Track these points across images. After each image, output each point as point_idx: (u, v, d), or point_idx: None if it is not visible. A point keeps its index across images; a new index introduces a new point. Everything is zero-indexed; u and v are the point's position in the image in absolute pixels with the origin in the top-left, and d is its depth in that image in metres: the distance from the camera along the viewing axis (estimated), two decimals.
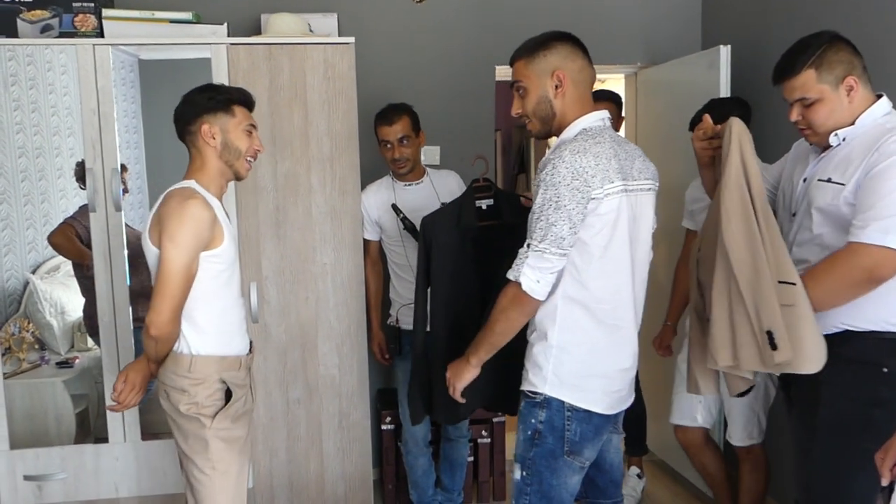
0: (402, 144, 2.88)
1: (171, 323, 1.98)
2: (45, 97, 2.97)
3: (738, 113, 2.75)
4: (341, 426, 3.06)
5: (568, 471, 1.93)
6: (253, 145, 2.13)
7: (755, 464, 2.81)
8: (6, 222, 2.97)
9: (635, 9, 3.72)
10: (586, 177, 1.77)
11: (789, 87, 1.93)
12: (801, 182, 2.01)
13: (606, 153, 1.81)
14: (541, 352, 1.92)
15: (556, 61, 1.90)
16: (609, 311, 1.89)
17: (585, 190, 1.77)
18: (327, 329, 3.01)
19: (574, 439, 1.91)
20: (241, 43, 2.86)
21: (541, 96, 1.92)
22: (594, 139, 1.84)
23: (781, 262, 1.84)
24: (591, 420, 1.91)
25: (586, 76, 1.93)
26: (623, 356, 1.95)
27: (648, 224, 1.97)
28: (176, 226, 1.94)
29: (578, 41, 1.95)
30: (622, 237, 1.86)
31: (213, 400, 2.08)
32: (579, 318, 1.88)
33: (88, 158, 2.82)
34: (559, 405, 1.90)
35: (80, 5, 2.86)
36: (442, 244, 2.42)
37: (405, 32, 3.57)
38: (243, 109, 2.13)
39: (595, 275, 1.85)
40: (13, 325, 3.10)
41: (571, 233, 1.79)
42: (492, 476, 3.45)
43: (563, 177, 1.77)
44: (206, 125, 2.07)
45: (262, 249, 2.93)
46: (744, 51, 3.21)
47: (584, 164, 1.77)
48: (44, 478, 2.94)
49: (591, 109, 1.93)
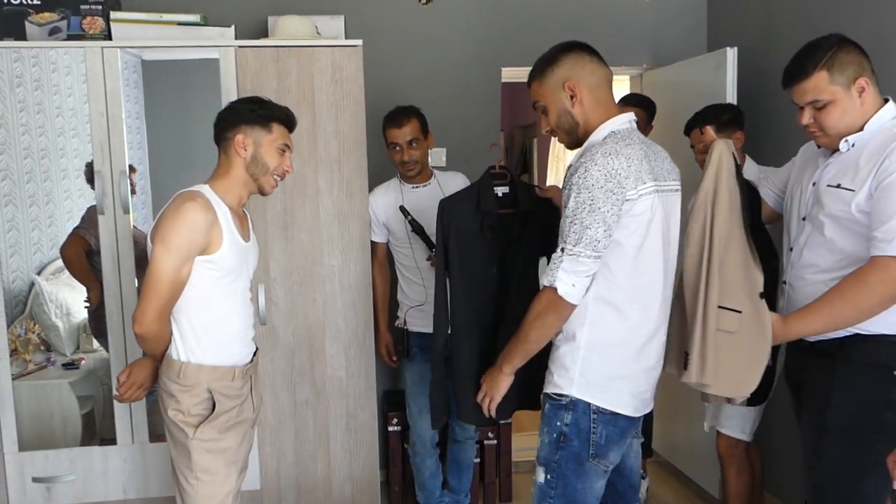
0: (411, 147, 2.89)
1: (154, 322, 1.98)
2: (50, 98, 2.96)
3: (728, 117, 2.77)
4: (349, 428, 3.06)
5: (593, 475, 1.93)
6: (283, 165, 2.14)
7: (740, 466, 2.78)
8: (12, 223, 2.96)
9: (641, 10, 3.73)
10: (619, 178, 1.77)
11: (801, 89, 1.92)
12: (811, 186, 2.02)
13: (637, 154, 1.81)
14: (568, 353, 1.91)
15: (565, 72, 1.91)
16: (640, 311, 1.89)
17: (619, 192, 1.77)
18: (335, 331, 3.01)
19: (599, 442, 1.90)
20: (250, 45, 2.86)
21: (560, 110, 1.93)
22: (624, 141, 1.83)
23: (731, 289, 1.91)
24: (616, 423, 1.91)
25: (600, 78, 1.93)
26: (649, 356, 1.94)
27: (677, 224, 1.98)
28: (168, 228, 1.95)
29: (586, 46, 1.95)
30: (655, 237, 1.86)
31: (200, 409, 2.07)
32: (609, 318, 1.87)
33: (97, 161, 2.82)
34: (585, 407, 1.90)
35: (88, 7, 2.86)
36: (461, 230, 2.38)
37: (411, 34, 3.57)
38: (282, 128, 2.13)
39: (628, 275, 1.85)
40: (19, 326, 3.10)
41: (606, 235, 1.79)
42: (498, 477, 3.46)
43: (597, 179, 1.77)
44: (241, 135, 2.07)
45: (269, 251, 2.93)
46: (750, 53, 3.22)
47: (616, 166, 1.77)
48: (53, 480, 2.94)
49: (615, 112, 1.92)
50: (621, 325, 1.88)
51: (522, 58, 3.57)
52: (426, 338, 2.95)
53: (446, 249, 2.40)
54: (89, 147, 2.87)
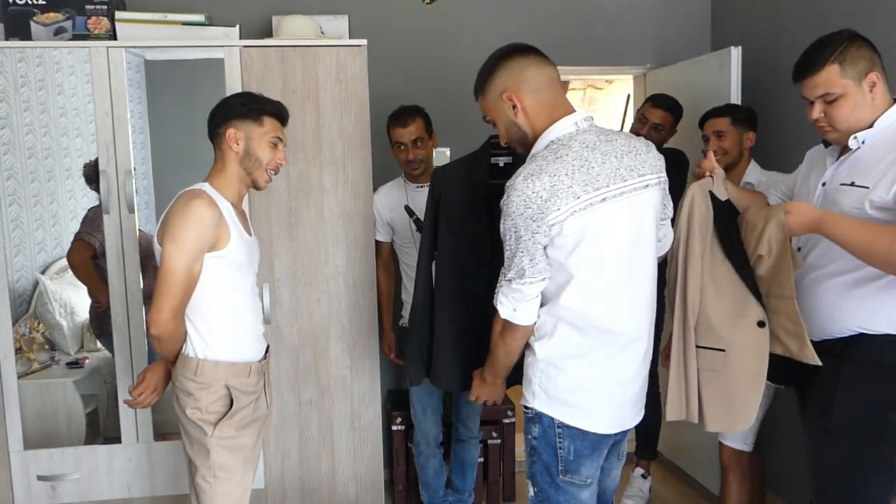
0: (417, 146, 2.89)
1: (170, 321, 1.99)
2: (54, 98, 2.97)
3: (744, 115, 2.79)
4: (353, 427, 3.07)
5: (570, 488, 1.83)
6: (276, 158, 2.14)
7: (743, 475, 2.77)
8: (16, 223, 2.97)
9: (645, 10, 3.73)
10: (539, 202, 1.67)
11: (812, 83, 1.91)
12: (820, 186, 2.01)
13: (568, 167, 1.68)
14: (530, 364, 1.85)
15: (503, 83, 1.81)
16: (602, 324, 1.77)
17: (540, 217, 1.68)
18: (339, 330, 3.02)
19: (568, 457, 1.81)
20: (254, 45, 2.87)
21: (506, 122, 1.84)
22: (556, 153, 1.72)
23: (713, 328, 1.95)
24: (584, 437, 1.81)
25: (543, 81, 1.81)
26: (624, 368, 1.83)
27: (651, 223, 1.84)
28: (177, 225, 1.96)
29: (524, 49, 1.84)
30: (610, 247, 1.75)
31: (218, 406, 2.08)
32: (565, 332, 1.78)
33: (102, 160, 2.82)
34: (549, 421, 1.82)
35: (93, 8, 2.87)
36: (451, 199, 2.35)
37: (415, 34, 3.58)
38: (273, 121, 2.13)
39: (580, 292, 1.75)
40: (23, 325, 3.11)
41: (533, 264, 1.72)
42: (502, 477, 3.47)
43: (517, 206, 1.69)
44: (231, 129, 2.08)
45: (274, 251, 2.93)
46: (754, 52, 3.22)
47: (537, 189, 1.67)
48: (57, 478, 2.95)
49: (562, 114, 1.79)
50: (580, 339, 1.78)
51: None
52: None
53: (436, 218, 2.38)
54: (92, 147, 2.88)
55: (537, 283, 1.75)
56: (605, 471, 1.98)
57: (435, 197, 2.43)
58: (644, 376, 1.89)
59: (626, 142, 1.80)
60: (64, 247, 3.09)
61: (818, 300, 1.97)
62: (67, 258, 3.06)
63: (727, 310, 1.97)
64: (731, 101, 3.07)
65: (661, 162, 1.87)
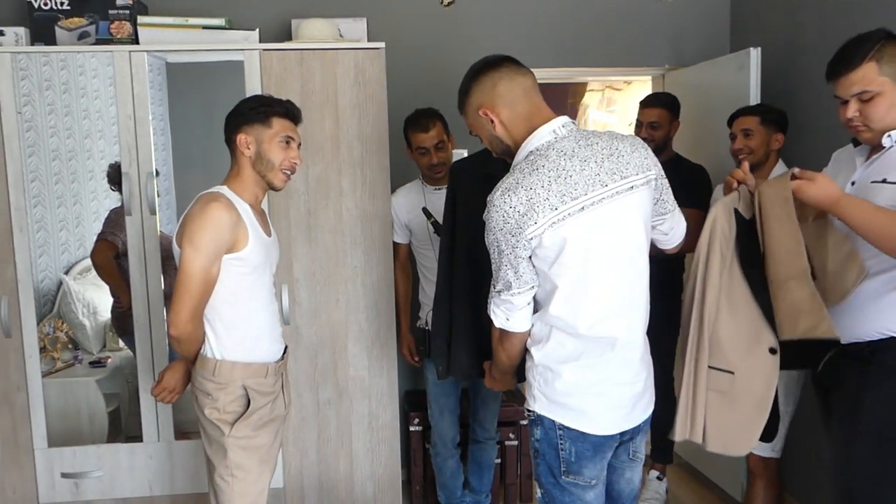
0: (439, 150, 2.91)
1: (189, 323, 2.01)
2: (78, 101, 3.01)
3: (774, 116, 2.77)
4: (370, 427, 3.09)
5: (574, 489, 1.83)
6: (288, 157, 2.14)
7: (771, 480, 2.74)
8: (40, 224, 3.02)
9: (663, 10, 3.71)
10: (517, 217, 1.67)
11: (848, 81, 1.88)
12: (850, 185, 1.99)
13: (545, 179, 1.68)
14: (529, 368, 1.86)
15: (477, 100, 1.81)
16: (589, 332, 1.76)
17: (518, 232, 1.68)
18: (357, 331, 3.04)
19: (570, 459, 1.81)
20: (274, 49, 2.89)
21: (489, 136, 1.84)
22: (532, 165, 1.70)
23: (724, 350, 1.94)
24: (585, 439, 1.80)
25: (516, 93, 1.79)
26: (620, 370, 1.81)
27: (638, 225, 1.79)
28: (195, 228, 1.98)
29: (493, 62, 1.83)
30: (594, 256, 1.72)
31: (235, 406, 2.10)
32: (559, 337, 1.79)
33: (124, 163, 2.87)
34: (550, 424, 1.82)
35: (116, 12, 2.91)
36: (467, 192, 2.38)
37: (433, 36, 3.59)
38: (283, 121, 2.14)
39: (567, 299, 1.74)
40: (48, 324, 3.15)
41: (517, 276, 1.73)
42: (519, 478, 3.47)
43: (496, 222, 1.70)
44: (242, 135, 2.11)
45: (293, 252, 2.96)
46: (774, 54, 3.20)
47: (513, 204, 1.67)
48: (80, 475, 2.99)
49: (540, 122, 1.77)
50: (574, 343, 1.78)
51: (544, 59, 3.58)
52: None
53: (454, 212, 2.42)
54: (115, 149, 2.92)
55: (526, 292, 1.76)
56: (617, 471, 1.96)
57: (453, 191, 2.47)
58: (645, 376, 1.87)
59: (609, 144, 1.76)
60: (87, 247, 3.13)
61: (847, 303, 1.94)
62: (91, 258, 3.11)
63: (740, 332, 1.95)
64: (750, 102, 3.05)
65: (649, 159, 1.82)
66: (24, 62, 2.84)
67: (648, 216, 1.84)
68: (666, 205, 1.90)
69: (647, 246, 1.84)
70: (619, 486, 1.99)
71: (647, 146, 1.85)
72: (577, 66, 3.70)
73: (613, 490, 1.98)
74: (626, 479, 1.99)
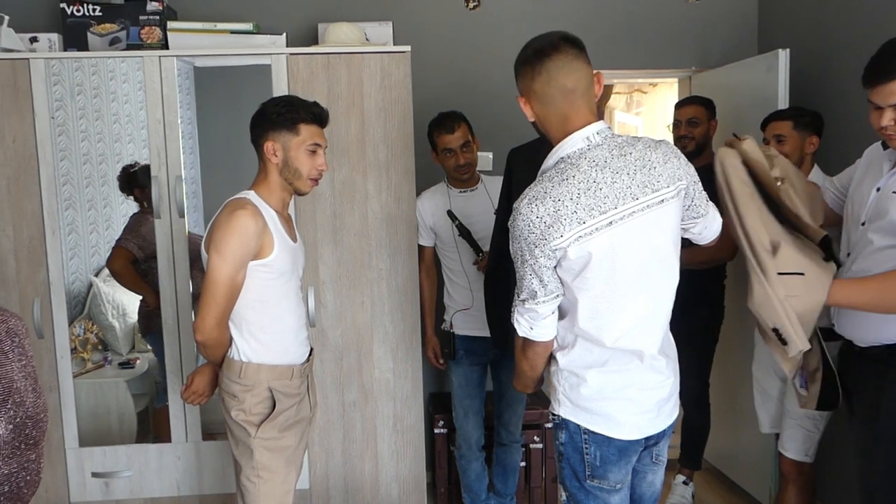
0: (465, 150, 2.92)
1: (215, 329, 2.04)
2: (108, 105, 3.05)
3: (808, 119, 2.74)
4: (396, 429, 3.10)
5: (599, 493, 1.82)
6: (315, 165, 2.14)
7: (805, 485, 2.71)
8: (71, 227, 3.06)
9: (689, 11, 3.69)
10: (542, 227, 1.64)
11: (887, 90, 1.83)
12: (874, 192, 1.97)
13: (574, 191, 1.63)
14: (553, 373, 1.85)
15: (519, 86, 1.77)
16: (615, 345, 1.73)
17: (542, 243, 1.65)
18: (382, 333, 3.05)
19: (595, 463, 1.80)
20: (301, 53, 2.92)
21: (531, 120, 1.79)
22: (563, 174, 1.66)
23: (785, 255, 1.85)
24: (610, 444, 1.78)
25: (553, 93, 1.70)
26: (647, 376, 1.79)
27: (668, 238, 1.76)
28: (221, 236, 2.00)
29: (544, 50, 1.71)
30: (620, 270, 1.69)
31: (261, 408, 2.12)
32: (585, 344, 1.77)
33: (154, 166, 2.90)
34: (575, 428, 1.80)
35: (147, 18, 2.95)
36: (520, 177, 2.42)
37: (459, 39, 3.60)
38: (310, 128, 2.13)
39: (588, 314, 1.72)
40: (78, 326, 3.20)
41: (542, 285, 1.70)
42: (544, 481, 3.46)
43: (521, 230, 1.67)
44: (269, 142, 2.11)
45: (319, 254, 2.98)
46: (803, 55, 3.16)
47: (540, 214, 1.64)
48: (111, 475, 3.03)
49: (574, 127, 1.70)
50: (600, 351, 1.76)
51: None
52: (472, 341, 2.97)
53: (509, 194, 2.50)
54: (144, 152, 2.96)
55: (551, 301, 1.73)
56: (639, 474, 1.94)
57: (508, 174, 2.60)
58: (672, 381, 1.84)
59: (642, 154, 1.70)
60: None
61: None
62: (108, 266, 3.15)
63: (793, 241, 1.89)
64: (779, 105, 3.02)
65: (681, 168, 1.76)
66: (56, 67, 2.90)
67: (678, 227, 1.81)
68: (698, 209, 1.85)
69: (675, 257, 1.81)
70: (641, 489, 1.98)
71: (679, 153, 1.80)
72: (603, 69, 3.66)
73: (635, 493, 1.97)
74: (648, 483, 1.98)
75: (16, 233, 2.91)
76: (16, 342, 1.92)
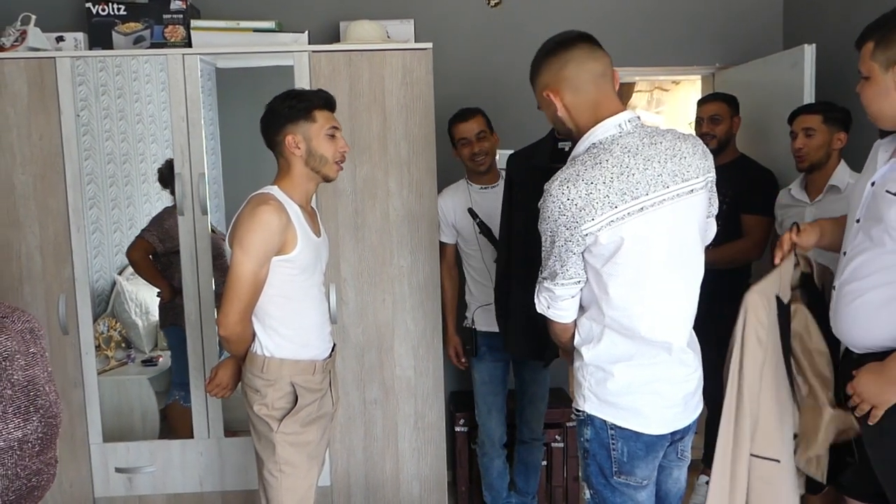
0: (480, 139, 2.92)
1: (238, 324, 2.04)
2: (132, 105, 3.08)
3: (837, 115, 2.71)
4: (417, 427, 3.09)
5: (625, 489, 1.79)
6: (338, 148, 2.15)
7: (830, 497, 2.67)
8: (96, 226, 3.09)
9: (714, 7, 3.66)
10: (574, 210, 1.63)
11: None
12: (869, 186, 1.85)
13: (607, 175, 1.63)
14: (579, 368, 1.83)
15: (544, 80, 1.76)
16: (645, 335, 1.72)
17: (573, 225, 1.64)
18: (404, 331, 3.05)
19: (622, 459, 1.77)
20: (322, 50, 2.93)
21: (552, 118, 1.80)
22: (595, 158, 1.65)
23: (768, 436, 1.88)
24: (638, 439, 1.76)
25: (584, 78, 1.71)
26: (675, 369, 1.77)
27: (696, 228, 1.77)
28: (245, 232, 2.00)
29: (567, 41, 1.74)
30: (651, 257, 1.68)
31: (283, 403, 2.13)
32: (612, 336, 1.75)
33: (177, 164, 2.92)
34: (601, 423, 1.78)
35: (170, 17, 2.98)
36: (519, 180, 2.53)
37: (481, 36, 3.60)
38: (324, 113, 2.14)
39: (621, 300, 1.71)
40: (102, 323, 3.23)
41: (564, 269, 1.71)
42: (565, 480, 3.43)
43: (552, 212, 1.67)
44: (290, 136, 2.11)
45: (340, 252, 2.98)
46: (829, 50, 3.11)
47: (572, 196, 1.63)
48: (134, 471, 3.05)
49: (606, 113, 1.71)
50: (627, 343, 1.74)
51: None
52: (494, 337, 2.96)
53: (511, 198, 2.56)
54: (167, 152, 2.98)
55: (570, 285, 1.74)
56: (665, 470, 1.93)
57: (509, 179, 2.64)
58: (699, 375, 1.84)
59: (672, 144, 1.71)
60: None
61: (857, 312, 1.84)
62: (127, 254, 3.17)
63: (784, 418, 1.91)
64: (805, 101, 2.98)
65: (709, 161, 1.78)
66: (81, 68, 2.93)
67: (704, 219, 1.82)
68: (712, 207, 1.87)
69: (702, 249, 1.82)
70: (667, 485, 1.97)
71: (705, 147, 1.81)
72: (625, 66, 3.66)
73: (661, 490, 1.96)
74: (674, 479, 1.97)
75: (42, 229, 2.94)
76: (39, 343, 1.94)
